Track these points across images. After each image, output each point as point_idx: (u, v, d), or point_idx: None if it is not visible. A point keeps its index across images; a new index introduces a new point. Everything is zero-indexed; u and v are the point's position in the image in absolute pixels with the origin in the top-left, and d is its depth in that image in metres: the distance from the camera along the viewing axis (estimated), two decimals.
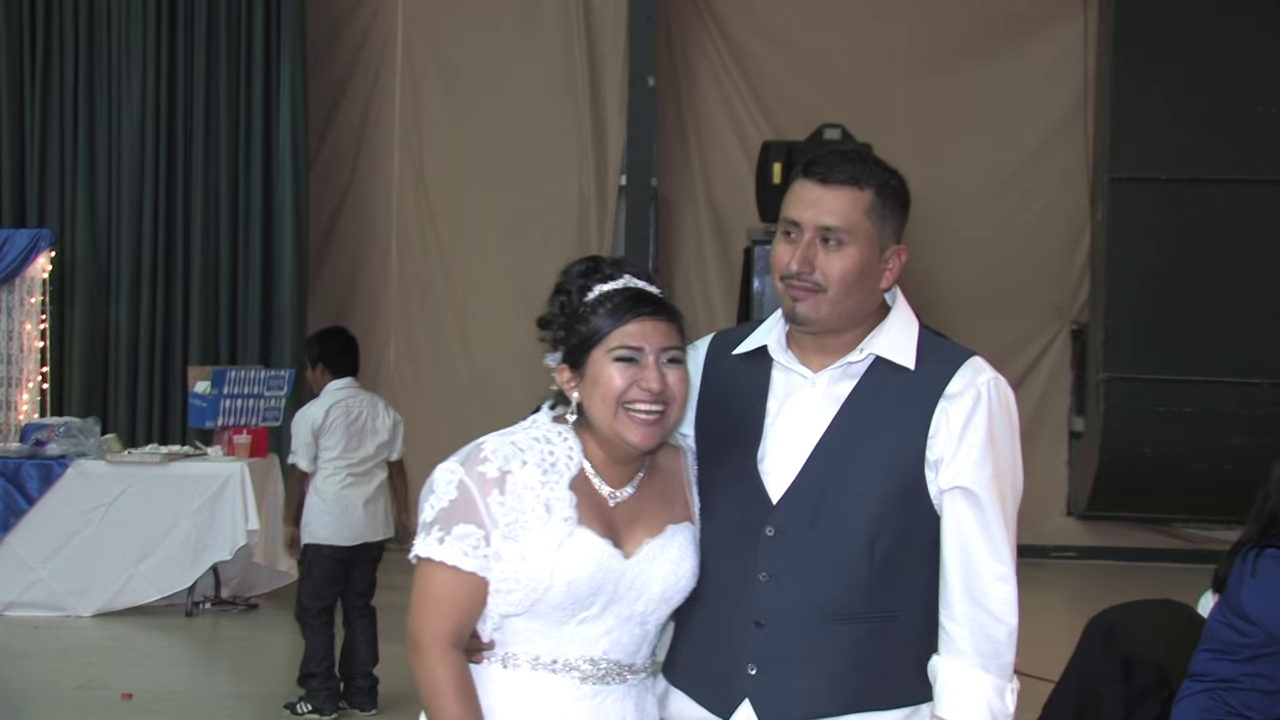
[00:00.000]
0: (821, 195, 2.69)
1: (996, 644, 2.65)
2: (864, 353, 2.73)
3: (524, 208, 11.71)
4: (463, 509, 2.58)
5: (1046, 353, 11.96)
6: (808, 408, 2.74)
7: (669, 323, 2.64)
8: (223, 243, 11.22)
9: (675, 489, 2.77)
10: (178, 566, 8.90)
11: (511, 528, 2.57)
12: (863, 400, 2.71)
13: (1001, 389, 2.70)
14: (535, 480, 2.59)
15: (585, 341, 2.61)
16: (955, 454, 2.65)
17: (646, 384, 2.60)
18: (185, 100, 11.21)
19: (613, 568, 2.60)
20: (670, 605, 2.69)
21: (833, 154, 2.74)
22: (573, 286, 2.66)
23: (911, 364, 2.71)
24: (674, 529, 2.70)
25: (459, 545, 2.56)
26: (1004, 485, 2.67)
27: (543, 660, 2.62)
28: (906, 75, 11.89)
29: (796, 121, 11.46)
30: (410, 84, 12.00)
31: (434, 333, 11.83)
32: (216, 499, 8.84)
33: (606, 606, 2.61)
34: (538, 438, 2.66)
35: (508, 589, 2.58)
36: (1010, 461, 2.69)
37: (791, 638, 2.66)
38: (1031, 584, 2.94)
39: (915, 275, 12.30)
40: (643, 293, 2.65)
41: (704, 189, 12.10)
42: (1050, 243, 11.84)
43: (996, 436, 2.66)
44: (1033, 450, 11.70)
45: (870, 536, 2.65)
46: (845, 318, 2.72)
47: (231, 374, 9.42)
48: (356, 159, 11.98)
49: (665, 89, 11.92)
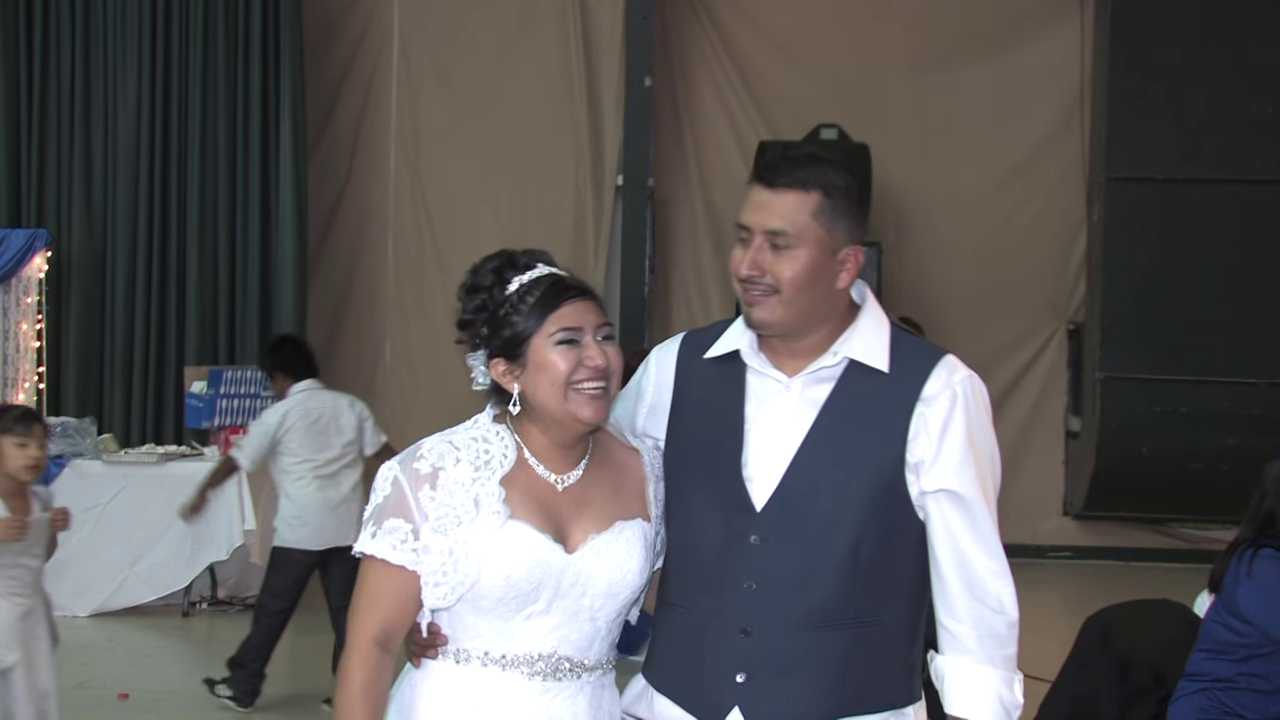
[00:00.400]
0: (769, 199, 2.70)
1: (1000, 637, 2.67)
2: (837, 356, 2.73)
3: (521, 208, 11.72)
4: (395, 504, 2.64)
5: (1043, 352, 11.97)
6: (785, 414, 2.74)
7: (594, 301, 2.71)
8: (220, 242, 11.22)
9: (631, 485, 2.79)
10: (174, 567, 8.91)
11: (441, 522, 2.62)
12: (840, 405, 2.71)
13: (976, 386, 2.72)
14: (467, 477, 2.64)
15: (521, 332, 2.66)
16: (937, 457, 2.66)
17: (592, 362, 2.65)
18: (181, 99, 11.22)
19: (553, 562, 2.63)
20: (619, 601, 2.71)
21: (781, 157, 2.74)
22: (487, 282, 2.71)
23: (885, 366, 2.71)
24: (623, 525, 2.72)
25: (389, 539, 2.63)
26: (986, 483, 2.69)
27: (492, 656, 2.66)
28: (904, 75, 11.90)
29: (793, 121, 11.48)
30: (406, 84, 12.00)
31: (430, 332, 11.83)
32: (213, 499, 8.83)
33: (552, 601, 2.64)
34: (475, 436, 2.71)
35: (435, 582, 2.62)
36: (989, 457, 2.71)
37: (779, 645, 2.67)
38: (1027, 584, 2.95)
39: (912, 274, 12.28)
40: (565, 277, 2.71)
41: (701, 189, 12.10)
42: (1047, 242, 11.84)
43: (976, 435, 2.68)
44: (1028, 450, 11.72)
45: (854, 541, 2.65)
46: (802, 319, 2.72)
47: (228, 374, 9.44)
48: (352, 159, 11.98)
49: (662, 89, 11.93)
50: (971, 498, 2.66)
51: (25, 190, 11.26)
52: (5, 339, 10.81)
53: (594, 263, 11.46)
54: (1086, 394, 11.38)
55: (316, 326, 11.82)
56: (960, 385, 2.69)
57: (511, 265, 2.72)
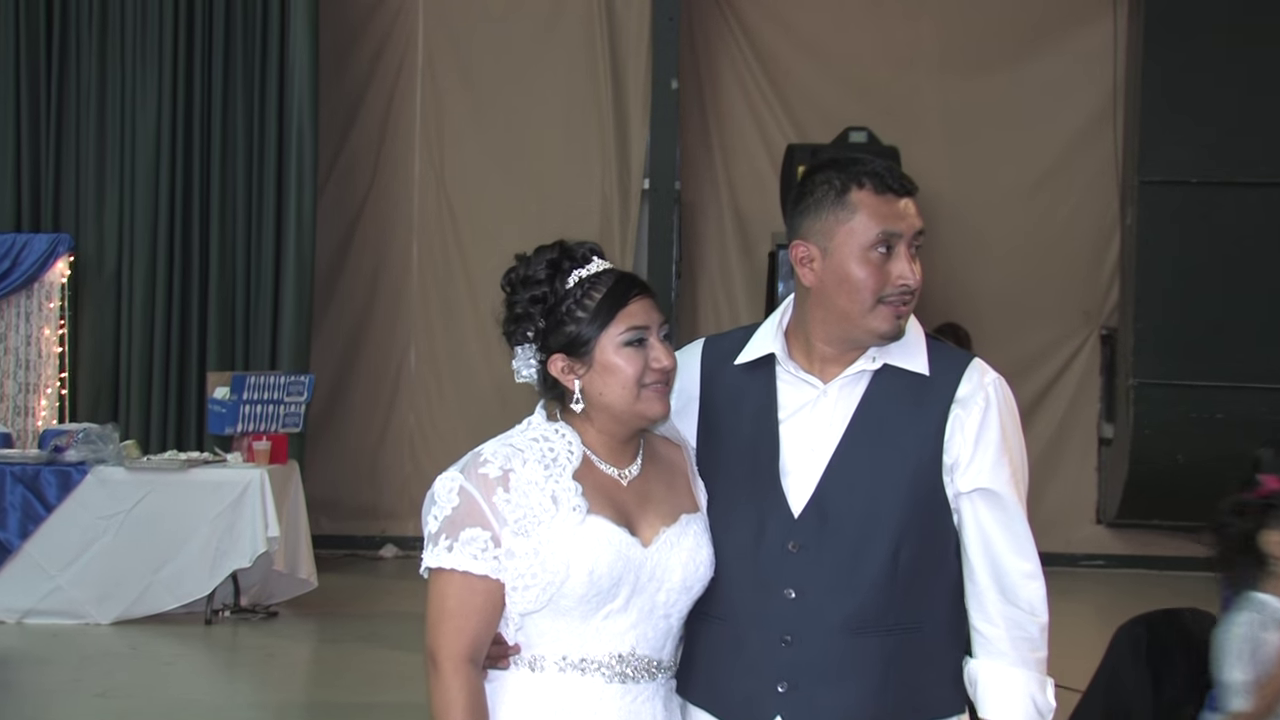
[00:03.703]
0: (907, 204, 2.71)
1: (1032, 640, 2.70)
2: (877, 361, 2.74)
3: (546, 212, 11.72)
4: (467, 513, 2.60)
5: (1075, 358, 11.92)
6: (820, 419, 2.75)
7: (655, 299, 2.73)
8: (238, 246, 11.23)
9: (680, 480, 2.79)
10: (197, 574, 8.93)
11: (521, 523, 2.59)
12: (874, 409, 2.73)
13: (1004, 388, 2.75)
14: (538, 475, 2.62)
15: (586, 330, 2.64)
16: (973, 457, 2.69)
17: (659, 364, 2.67)
18: (203, 101, 11.22)
19: (632, 556, 2.61)
20: (691, 596, 2.70)
21: (882, 163, 2.75)
22: (543, 275, 2.68)
23: (926, 370, 2.74)
24: (688, 518, 2.72)
25: (468, 549, 2.58)
26: (1020, 484, 2.72)
27: (570, 660, 2.63)
28: (934, 76, 11.88)
29: (822, 123, 11.46)
30: (431, 87, 12.03)
31: (455, 338, 11.86)
32: (236, 506, 8.87)
33: (630, 598, 2.63)
34: (535, 438, 2.68)
35: (524, 585, 2.59)
36: (1021, 459, 2.74)
37: (820, 653, 2.67)
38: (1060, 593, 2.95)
39: (942, 278, 12.26)
40: (628, 273, 2.73)
41: (728, 193, 12.10)
42: (1079, 246, 11.81)
43: (1008, 435, 2.72)
44: (1061, 457, 11.68)
45: (894, 546, 2.67)
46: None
47: (251, 379, 9.45)
48: (377, 163, 12.00)
49: (689, 91, 11.94)
50: (1006, 496, 2.69)
51: (44, 195, 11.28)
52: (28, 344, 10.87)
53: (620, 266, 11.47)
54: (1120, 400, 11.34)
55: (340, 331, 11.87)
56: (991, 387, 2.73)
57: (570, 257, 2.70)
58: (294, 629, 9.08)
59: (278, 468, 9.20)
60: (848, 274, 2.68)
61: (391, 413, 11.98)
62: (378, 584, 10.82)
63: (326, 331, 11.78)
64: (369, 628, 9.13)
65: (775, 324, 2.84)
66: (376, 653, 8.39)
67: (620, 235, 11.72)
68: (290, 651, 8.64)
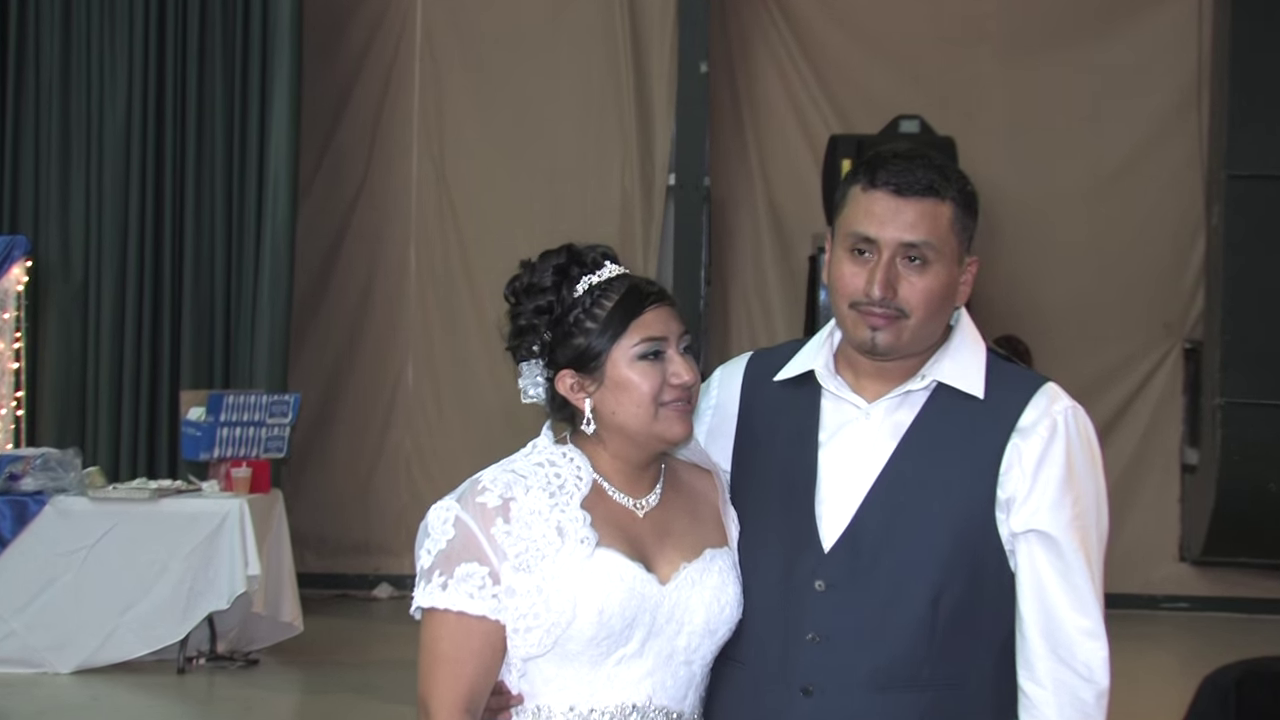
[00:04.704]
0: (900, 207, 2.67)
1: (1085, 708, 2.64)
2: (926, 379, 2.72)
3: (559, 211, 11.73)
4: (463, 547, 2.59)
5: (1155, 375, 11.89)
6: (862, 443, 2.73)
7: (674, 307, 2.69)
8: (216, 251, 11.23)
9: (707, 511, 2.78)
10: (168, 617, 8.93)
11: (523, 558, 2.57)
12: (924, 434, 2.70)
13: (1080, 419, 2.70)
14: (543, 504, 2.60)
15: (597, 342, 2.63)
16: (1030, 493, 2.64)
17: (678, 379, 2.64)
18: (176, 92, 11.22)
19: (648, 594, 2.60)
20: (715, 640, 2.69)
21: (900, 159, 2.70)
22: (549, 281, 2.67)
23: (980, 392, 2.70)
24: (713, 553, 2.71)
25: (463, 587, 2.57)
26: (1087, 528, 2.66)
27: (579, 711, 2.61)
28: (995, 59, 11.87)
29: (869, 112, 11.45)
30: (431, 72, 12.04)
31: (458, 353, 11.87)
32: (212, 540, 8.86)
33: (646, 642, 2.61)
34: (540, 462, 2.68)
35: (526, 627, 2.57)
36: (1094, 501, 2.68)
37: (844, 708, 2.65)
38: (1138, 639, 2.95)
39: (1005, 285, 12.24)
40: (643, 279, 2.69)
41: (764, 189, 12.09)
42: (1159, 249, 11.78)
43: (1077, 473, 2.66)
44: (1139, 486, 11.65)
45: (935, 591, 2.64)
46: (922, 343, 2.72)
47: (229, 399, 9.47)
48: (370, 157, 12.02)
49: (719, 76, 11.94)
50: (1065, 542, 2.63)
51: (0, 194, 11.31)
52: None
53: (643, 270, 11.42)
54: (1205, 422, 11.31)
55: (328, 345, 11.87)
56: (1062, 415, 2.68)
57: (578, 262, 2.69)
58: (276, 679, 9.07)
59: (259, 497, 9.20)
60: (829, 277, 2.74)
61: (386, 436, 11.99)
62: (370, 628, 10.83)
63: (313, 345, 11.80)
64: (361, 678, 9.13)
65: (824, 336, 2.84)
66: (369, 705, 8.39)
67: (643, 237, 11.72)
68: (272, 704, 8.64)
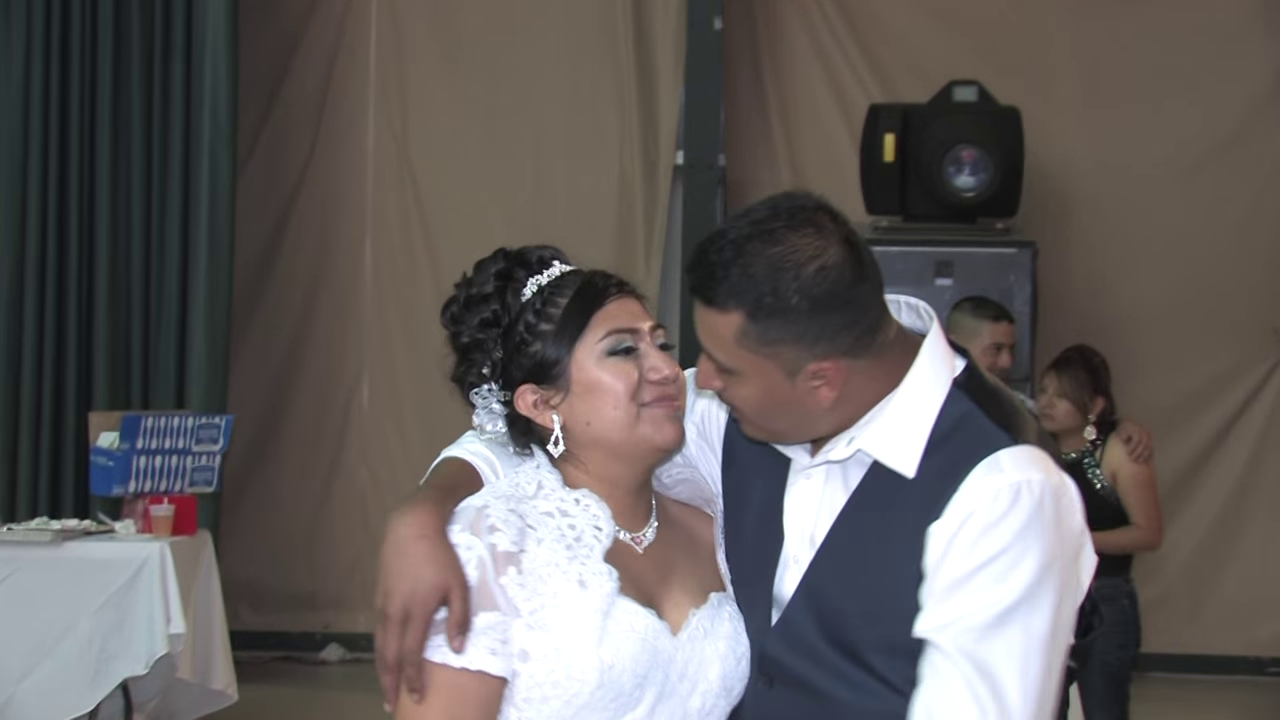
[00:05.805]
0: (699, 313, 2.63)
1: None
2: (851, 446, 2.65)
3: (545, 197, 11.75)
4: (481, 591, 2.55)
5: (1262, 391, 11.86)
6: (807, 508, 2.71)
7: (642, 302, 2.73)
8: (133, 245, 11.22)
9: (704, 548, 2.81)
10: (75, 684, 8.92)
11: (538, 615, 2.55)
12: (862, 511, 2.66)
13: (1023, 501, 2.53)
14: (560, 557, 2.59)
15: (554, 346, 2.65)
16: (928, 592, 2.55)
17: (659, 373, 2.65)
18: (84, 56, 11.23)
19: (661, 648, 2.60)
20: (731, 699, 2.69)
21: (712, 244, 2.61)
22: (491, 289, 2.70)
23: (911, 470, 2.61)
24: (719, 598, 2.73)
25: (483, 641, 2.54)
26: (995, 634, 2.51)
27: None
28: (1068, 16, 11.87)
29: (918, 77, 11.43)
30: (390, 29, 12.04)
31: (422, 366, 11.81)
32: (127, 592, 8.84)
33: (656, 704, 2.60)
34: (549, 511, 2.66)
35: (542, 696, 2.55)
36: (1022, 597, 2.51)
37: None
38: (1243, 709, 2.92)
39: (1079, 283, 12.22)
40: (599, 272, 2.72)
41: (789, 168, 12.06)
42: (1264, 243, 11.78)
43: (995, 570, 2.51)
44: (1243, 524, 11.59)
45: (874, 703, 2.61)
46: (795, 435, 2.70)
47: (148, 421, 9.44)
48: (316, 131, 12.01)
49: (736, 35, 11.94)
50: (947, 651, 2.52)
51: None
52: None
53: (645, 267, 11.41)
54: None
55: (268, 356, 11.85)
56: (990, 496, 2.53)
57: (522, 264, 2.71)
58: None
59: (184, 540, 9.17)
60: None
61: (337, 466, 11.98)
62: (318, 697, 10.83)
63: (249, 357, 11.80)
64: None
65: None
66: None
67: (645, 225, 11.70)
68: None
